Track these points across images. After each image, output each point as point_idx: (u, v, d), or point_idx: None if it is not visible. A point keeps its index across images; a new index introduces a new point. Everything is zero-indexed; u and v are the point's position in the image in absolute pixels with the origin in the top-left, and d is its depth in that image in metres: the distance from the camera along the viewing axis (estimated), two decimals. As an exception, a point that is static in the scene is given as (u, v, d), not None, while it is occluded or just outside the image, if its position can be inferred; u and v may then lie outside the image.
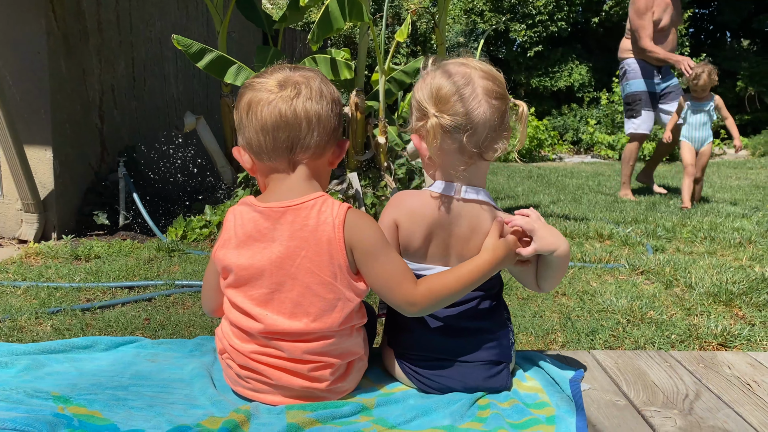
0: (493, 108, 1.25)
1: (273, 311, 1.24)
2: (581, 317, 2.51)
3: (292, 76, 1.28)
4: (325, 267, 1.23)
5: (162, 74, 5.50)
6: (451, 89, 1.26)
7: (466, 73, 1.27)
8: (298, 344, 1.24)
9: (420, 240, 1.32)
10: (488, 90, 1.26)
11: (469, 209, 1.31)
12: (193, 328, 2.41)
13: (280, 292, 1.24)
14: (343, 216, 1.23)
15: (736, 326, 2.37)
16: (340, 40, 12.62)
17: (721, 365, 1.53)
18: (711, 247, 3.75)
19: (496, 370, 1.33)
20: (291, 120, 1.23)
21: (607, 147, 11.28)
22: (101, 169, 4.48)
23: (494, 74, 1.30)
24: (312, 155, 1.27)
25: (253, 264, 1.25)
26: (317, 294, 1.23)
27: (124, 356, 1.52)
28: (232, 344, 1.29)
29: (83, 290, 2.87)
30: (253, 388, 1.29)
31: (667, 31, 5.65)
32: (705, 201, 5.81)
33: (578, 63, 13.47)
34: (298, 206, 1.24)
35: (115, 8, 4.69)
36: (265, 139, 1.25)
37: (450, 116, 1.25)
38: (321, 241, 1.22)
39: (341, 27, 3.56)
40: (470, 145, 1.26)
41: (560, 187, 6.99)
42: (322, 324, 1.23)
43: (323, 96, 1.27)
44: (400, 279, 1.24)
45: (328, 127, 1.28)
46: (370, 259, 1.23)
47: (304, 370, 1.24)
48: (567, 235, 4.09)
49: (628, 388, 1.40)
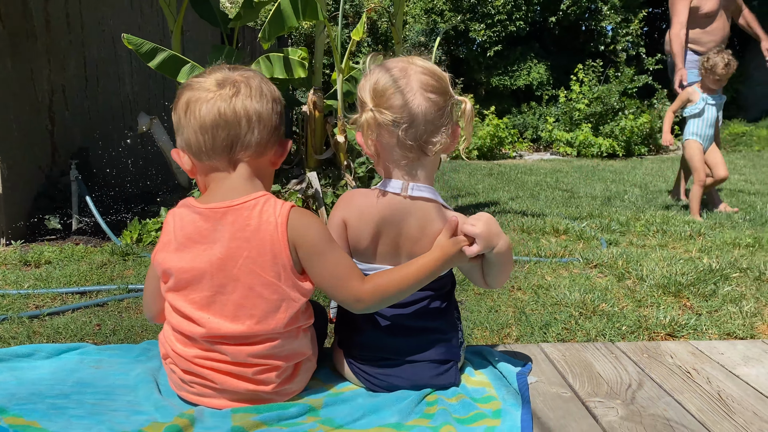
0: (430, 101, 1.25)
1: (215, 314, 1.22)
2: (535, 311, 2.55)
3: (230, 75, 1.27)
4: (268, 267, 1.21)
5: (116, 74, 5.39)
6: (387, 83, 1.26)
7: (403, 68, 1.28)
8: (242, 347, 1.22)
9: (368, 239, 1.32)
10: (425, 84, 1.26)
11: (418, 207, 1.31)
12: (146, 333, 2.36)
13: (222, 295, 1.22)
14: (285, 215, 1.22)
15: (683, 316, 2.43)
16: (301, 39, 12.56)
17: (664, 355, 1.57)
18: (663, 240, 3.85)
19: (444, 368, 1.34)
20: (230, 118, 1.22)
21: (565, 144, 11.47)
22: (53, 172, 4.36)
23: (434, 70, 1.30)
24: (253, 154, 1.25)
25: (193, 267, 1.23)
26: (260, 295, 1.21)
27: (67, 363, 1.48)
28: (175, 349, 1.26)
29: (32, 297, 2.79)
30: (197, 393, 1.27)
31: (714, 16, 4.90)
32: (659, 195, 5.96)
33: (537, 62, 13.66)
34: (239, 206, 1.22)
35: (65, 7, 4.57)
36: (204, 138, 1.23)
37: (386, 109, 1.25)
38: (263, 241, 1.20)
39: (293, 25, 3.53)
40: (408, 139, 1.26)
41: (519, 184, 7.09)
42: (265, 326, 1.22)
43: (263, 94, 1.26)
44: (347, 276, 1.23)
45: (269, 126, 1.26)
46: (315, 257, 1.22)
47: (248, 373, 1.23)
48: (524, 231, 4.15)
49: (574, 380, 1.42)
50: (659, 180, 7.26)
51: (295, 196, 4.06)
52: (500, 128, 11.20)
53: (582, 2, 13.24)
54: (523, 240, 3.89)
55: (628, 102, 11.67)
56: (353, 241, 1.33)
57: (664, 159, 10.56)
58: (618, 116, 11.32)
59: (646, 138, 11.45)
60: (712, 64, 4.50)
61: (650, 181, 7.19)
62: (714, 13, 4.90)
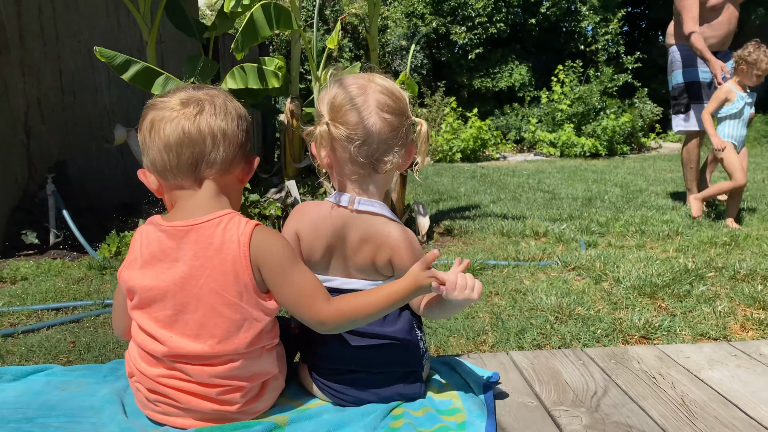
0: (385, 121, 1.27)
1: (177, 333, 1.22)
2: (512, 317, 2.56)
3: (195, 94, 1.27)
4: (230, 287, 1.20)
5: (93, 86, 5.35)
6: (344, 99, 1.28)
7: (362, 85, 1.30)
8: (204, 368, 1.21)
9: (320, 251, 1.33)
10: (381, 103, 1.27)
11: (362, 220, 1.31)
12: (121, 348, 2.35)
13: (185, 314, 1.21)
14: (249, 233, 1.21)
15: (658, 318, 2.45)
16: (282, 46, 12.54)
17: (632, 360, 1.58)
18: (641, 241, 3.89)
19: (410, 379, 1.34)
20: (195, 136, 1.22)
21: (548, 144, 11.54)
22: (29, 186, 4.32)
23: (392, 90, 1.31)
24: (218, 171, 1.25)
25: (157, 285, 1.22)
26: (222, 315, 1.21)
27: (33, 386, 1.47)
28: (139, 368, 1.26)
29: (6, 314, 2.76)
30: (162, 412, 1.26)
31: (720, 9, 4.62)
32: (639, 194, 6.01)
33: (518, 63, 13.74)
34: (203, 224, 1.22)
35: (39, 19, 4.54)
36: (168, 156, 1.22)
37: (341, 124, 1.27)
38: (225, 260, 1.20)
39: (267, 35, 3.53)
40: (360, 156, 1.27)
41: (501, 186, 7.12)
42: (227, 346, 1.21)
43: (227, 112, 1.26)
44: (311, 297, 1.22)
45: (235, 143, 1.26)
46: (280, 277, 1.22)
47: (212, 393, 1.22)
48: (504, 235, 4.17)
49: (540, 389, 1.43)
50: (640, 179, 7.32)
51: (274, 205, 4.05)
52: (483, 130, 11.25)
53: (561, 3, 13.34)
54: (502, 244, 3.90)
55: (609, 101, 11.77)
56: (306, 254, 1.34)
57: (646, 157, 10.65)
58: (600, 116, 11.41)
59: (628, 137, 11.55)
60: (755, 59, 4.15)
61: (631, 180, 7.25)
62: (720, 6, 4.60)
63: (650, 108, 12.77)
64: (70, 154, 4.79)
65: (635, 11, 16.20)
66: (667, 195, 5.94)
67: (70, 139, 4.88)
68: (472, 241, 4.05)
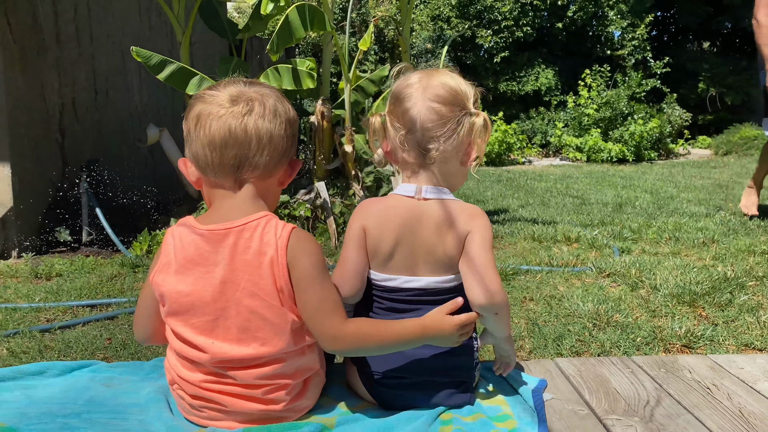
0: (431, 110, 1.27)
1: (218, 339, 1.19)
2: (548, 323, 2.52)
3: (246, 91, 1.23)
4: (270, 290, 1.18)
5: (125, 86, 5.42)
6: (400, 90, 1.31)
7: (421, 78, 1.31)
8: (250, 371, 1.20)
9: (389, 244, 1.29)
10: (432, 94, 1.28)
11: (434, 207, 1.29)
12: (156, 347, 2.35)
13: (225, 319, 1.19)
14: (286, 237, 1.18)
15: (699, 327, 2.40)
16: (308, 48, 12.60)
17: (682, 369, 1.54)
18: (676, 248, 3.81)
19: (461, 388, 1.32)
20: (240, 137, 1.18)
21: (575, 149, 11.43)
22: (63, 185, 4.38)
23: (450, 83, 1.30)
24: (260, 175, 1.22)
25: (194, 290, 1.19)
26: (264, 318, 1.18)
27: (78, 381, 1.47)
28: (180, 374, 1.24)
29: (43, 310, 2.79)
30: (208, 417, 1.24)
31: None
32: (670, 201, 5.92)
33: (544, 67, 13.63)
34: (240, 228, 1.19)
35: (74, 20, 4.60)
36: (212, 154, 1.20)
37: (393, 114, 1.31)
38: (263, 264, 1.17)
39: (302, 36, 3.53)
40: (408, 144, 1.29)
41: (529, 190, 7.05)
42: (272, 348, 1.19)
43: (277, 115, 1.22)
44: (332, 310, 1.19)
45: (280, 148, 1.23)
46: (304, 283, 1.18)
47: (258, 393, 1.21)
48: (535, 240, 4.12)
49: (590, 397, 1.39)
50: (670, 185, 7.21)
51: (304, 206, 4.05)
52: (509, 134, 11.17)
53: (588, 8, 13.22)
54: (534, 249, 3.86)
55: (636, 106, 11.62)
56: (372, 248, 1.31)
57: (675, 164, 10.50)
58: (627, 121, 11.27)
59: (655, 142, 11.39)
60: None
61: (661, 186, 7.14)
62: None
63: (679, 114, 12.60)
64: (102, 153, 4.85)
65: (664, 15, 15.99)
66: (699, 202, 5.83)
67: (102, 139, 4.94)
68: (502, 246, 4.01)
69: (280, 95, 1.28)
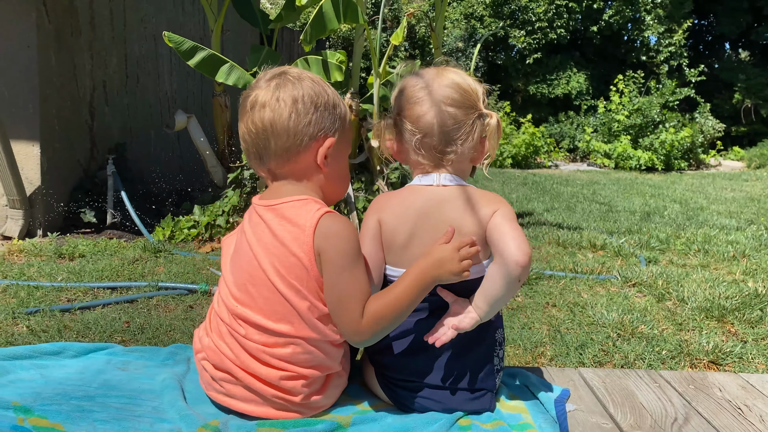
0: (447, 114, 1.26)
1: (243, 305, 1.23)
2: (571, 330, 2.46)
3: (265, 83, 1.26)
4: (293, 270, 1.19)
5: (156, 71, 5.44)
6: (411, 93, 1.29)
7: (431, 79, 1.29)
8: (266, 348, 1.20)
9: (405, 234, 1.26)
10: (445, 96, 1.27)
11: (455, 192, 1.28)
12: (173, 332, 2.35)
13: (253, 286, 1.22)
14: (316, 219, 1.18)
15: (728, 343, 2.32)
16: (338, 42, 12.59)
17: (712, 387, 1.48)
18: (704, 260, 3.72)
19: (479, 395, 1.28)
20: (253, 132, 1.24)
21: (603, 155, 11.26)
22: (90, 167, 4.41)
23: (460, 84, 1.28)
24: (282, 162, 1.24)
25: (237, 256, 1.28)
26: (284, 296, 1.19)
27: (94, 363, 1.46)
28: (209, 334, 1.28)
29: (64, 290, 2.81)
30: (227, 393, 1.24)
31: None
32: (700, 212, 5.78)
33: (576, 71, 13.46)
34: (278, 206, 1.23)
35: (109, 3, 4.63)
36: (245, 150, 1.29)
37: (406, 118, 1.29)
38: (291, 243, 1.19)
39: (335, 28, 3.50)
40: (423, 148, 1.29)
41: (555, 194, 6.96)
42: (288, 326, 1.19)
43: (279, 100, 1.22)
44: (357, 301, 1.17)
45: (289, 131, 1.22)
46: (330, 271, 1.17)
47: (275, 378, 1.19)
48: (560, 245, 4.05)
49: (615, 410, 1.34)
50: (700, 196, 7.06)
51: (328, 199, 4.03)
52: (536, 137, 11.05)
53: (625, 11, 13.00)
54: (558, 254, 3.79)
55: (668, 115, 11.41)
56: (388, 239, 1.28)
57: (705, 175, 10.28)
58: (658, 129, 11.07)
59: (686, 152, 11.17)
60: None
61: (690, 197, 6.99)
62: None
63: (712, 124, 12.34)
64: (130, 137, 4.88)
65: (701, 23, 15.67)
66: (730, 214, 5.69)
67: (131, 123, 4.97)
68: (526, 249, 3.94)
69: (295, 76, 1.26)
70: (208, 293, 2.83)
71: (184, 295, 2.82)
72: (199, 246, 3.84)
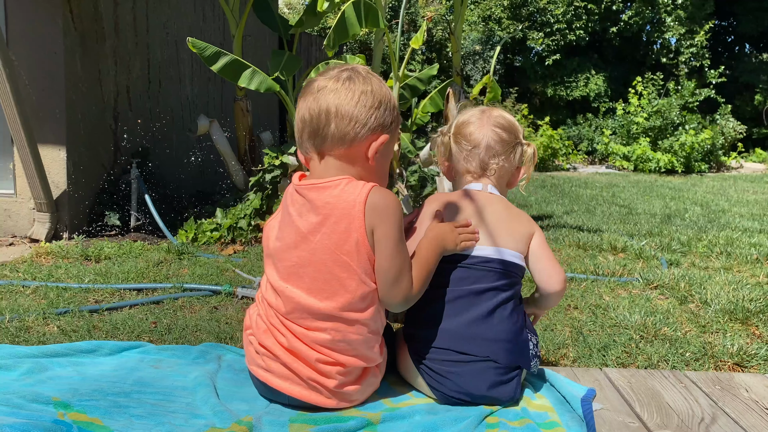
0: (495, 133, 1.52)
1: (292, 284, 1.26)
2: (593, 332, 2.46)
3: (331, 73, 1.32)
4: (343, 245, 1.23)
5: (177, 76, 5.52)
6: (467, 117, 1.57)
7: (484, 110, 1.57)
8: (308, 332, 1.25)
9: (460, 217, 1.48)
10: (495, 122, 1.54)
11: (499, 200, 1.51)
12: (199, 332, 2.39)
13: (302, 266, 1.26)
14: (365, 194, 1.22)
15: (753, 345, 2.31)
16: (355, 46, 12.64)
17: (738, 387, 1.48)
18: (727, 263, 3.69)
19: (509, 376, 1.32)
20: (313, 113, 1.27)
21: (622, 158, 11.18)
22: (114, 170, 4.49)
23: (507, 116, 1.56)
24: (335, 146, 1.27)
25: (283, 236, 1.30)
26: (332, 272, 1.23)
27: (128, 361, 1.50)
28: (259, 314, 1.32)
29: (92, 291, 2.86)
30: (266, 368, 1.29)
31: None
32: (722, 214, 5.73)
33: (595, 73, 13.38)
34: (323, 185, 1.26)
35: (132, 10, 4.71)
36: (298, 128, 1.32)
37: (460, 135, 1.55)
38: (340, 218, 1.22)
39: (357, 33, 3.54)
40: (472, 159, 1.53)
41: (574, 197, 6.93)
42: (334, 303, 1.23)
43: (349, 89, 1.27)
44: (410, 270, 1.28)
45: (349, 118, 1.26)
46: (390, 243, 1.24)
47: (312, 358, 1.24)
48: (580, 248, 4.04)
49: (641, 410, 1.35)
50: (721, 199, 6.99)
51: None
52: (554, 139, 11.00)
53: (645, 13, 12.92)
54: (578, 256, 3.78)
55: (688, 117, 11.30)
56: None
57: (726, 177, 10.17)
58: (678, 131, 10.97)
59: (707, 154, 11.06)
60: None
61: (711, 199, 6.92)
62: None
63: (733, 126, 12.20)
64: (152, 141, 4.95)
65: (722, 24, 15.51)
66: (752, 217, 5.63)
67: (153, 127, 5.04)
68: (546, 252, 3.94)
69: (367, 74, 1.31)
70: (232, 295, 2.87)
71: (209, 296, 2.86)
72: (222, 248, 3.89)
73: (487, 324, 1.34)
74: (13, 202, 4.02)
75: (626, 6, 13.31)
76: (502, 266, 1.39)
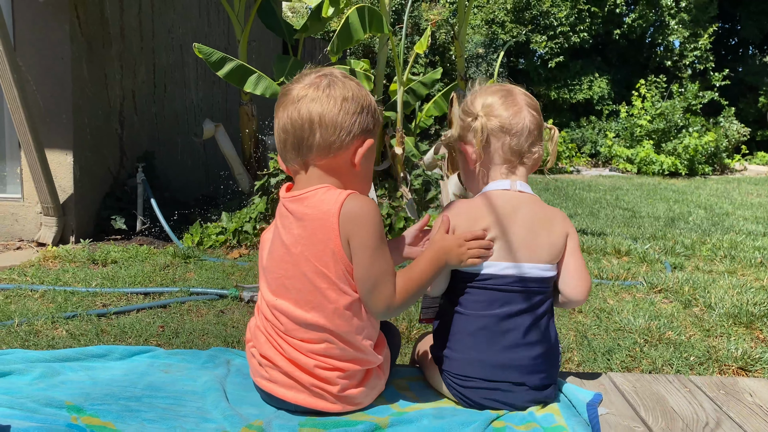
0: (533, 116, 1.37)
1: (281, 297, 1.27)
2: (597, 336, 2.48)
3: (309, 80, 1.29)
4: (321, 255, 1.23)
5: (182, 80, 5.55)
6: (496, 98, 1.39)
7: (508, 89, 1.41)
8: (302, 343, 1.26)
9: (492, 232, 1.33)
10: (528, 102, 1.39)
11: (532, 199, 1.37)
12: (206, 336, 2.41)
13: (287, 279, 1.27)
14: (340, 203, 1.21)
15: (757, 349, 2.32)
16: (359, 50, 12.66)
17: (743, 392, 1.49)
18: (731, 266, 3.70)
19: (544, 394, 1.35)
20: (296, 122, 1.25)
21: (625, 160, 11.18)
22: (120, 174, 4.52)
23: (531, 96, 1.43)
24: (318, 155, 1.26)
25: (272, 249, 1.31)
26: (313, 283, 1.24)
27: (138, 366, 1.52)
28: (257, 326, 1.33)
29: (99, 295, 2.89)
30: (270, 378, 1.30)
31: None
32: (726, 217, 5.74)
33: (598, 75, 13.39)
34: (302, 196, 1.26)
35: (138, 15, 4.75)
36: (279, 140, 1.30)
37: (495, 117, 1.36)
38: (317, 228, 1.23)
39: (361, 38, 3.56)
40: (513, 146, 1.36)
41: (577, 200, 6.94)
42: (320, 315, 1.23)
43: (330, 96, 1.25)
44: (392, 278, 1.24)
45: (334, 126, 1.25)
46: (366, 252, 1.21)
47: (310, 365, 1.25)
48: (584, 251, 4.05)
49: (646, 414, 1.36)
50: (725, 202, 6.99)
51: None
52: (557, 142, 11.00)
53: (648, 16, 12.92)
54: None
55: (692, 119, 11.30)
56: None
57: (730, 179, 10.17)
58: (681, 134, 10.97)
59: (710, 157, 11.06)
60: None
61: (715, 202, 6.93)
62: None
63: (737, 128, 12.19)
64: (157, 145, 4.98)
65: (725, 26, 15.51)
66: (756, 220, 5.63)
67: (159, 132, 5.07)
68: (550, 255, 3.96)
69: (346, 78, 1.30)
70: (238, 298, 2.89)
71: (215, 300, 2.88)
72: (227, 252, 3.91)
73: (519, 352, 1.31)
74: (21, 206, 4.05)
75: (630, 9, 13.33)
76: (533, 284, 1.31)
